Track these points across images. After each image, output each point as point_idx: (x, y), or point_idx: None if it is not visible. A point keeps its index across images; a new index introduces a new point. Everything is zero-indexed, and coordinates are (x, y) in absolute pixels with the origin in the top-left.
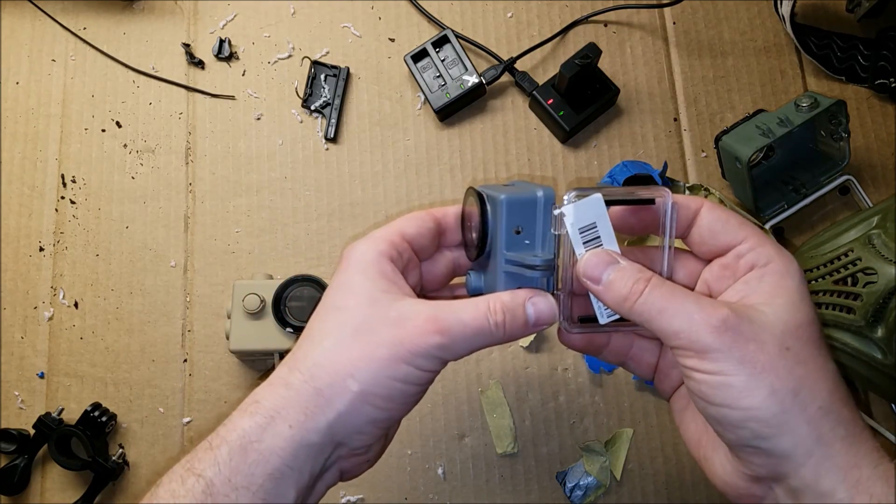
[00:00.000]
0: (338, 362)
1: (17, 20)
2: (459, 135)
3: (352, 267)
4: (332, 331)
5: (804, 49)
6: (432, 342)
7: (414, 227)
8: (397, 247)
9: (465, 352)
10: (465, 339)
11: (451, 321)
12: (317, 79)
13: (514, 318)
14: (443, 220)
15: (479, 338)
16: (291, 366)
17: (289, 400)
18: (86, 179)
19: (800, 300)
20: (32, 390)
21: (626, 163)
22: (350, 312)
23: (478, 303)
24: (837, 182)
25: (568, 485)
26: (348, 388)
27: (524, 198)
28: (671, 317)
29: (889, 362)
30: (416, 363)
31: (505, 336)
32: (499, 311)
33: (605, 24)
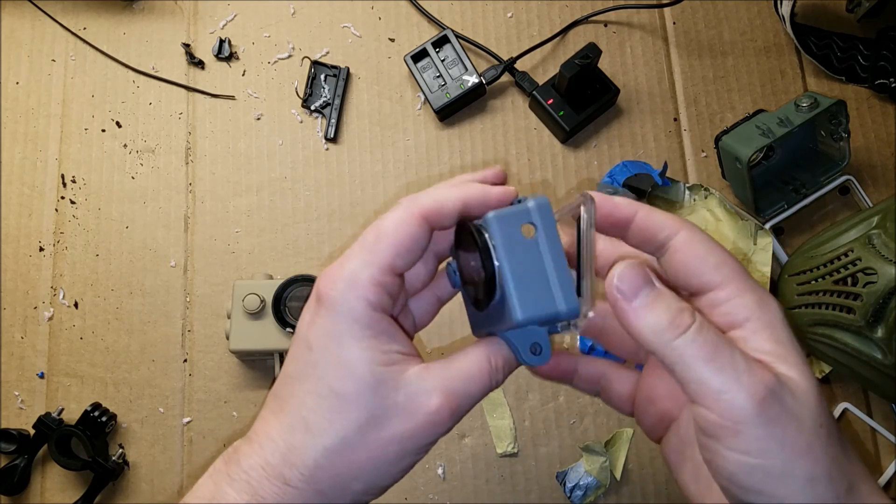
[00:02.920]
0: (342, 465)
1: (17, 20)
2: (459, 135)
3: (341, 324)
4: (332, 425)
5: (804, 49)
6: (443, 428)
7: (405, 258)
8: (388, 289)
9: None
10: (470, 406)
11: (461, 399)
12: (317, 79)
13: (509, 367)
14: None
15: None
16: (288, 458)
17: (289, 499)
18: (86, 179)
19: (802, 359)
20: (32, 390)
21: (626, 163)
22: (352, 404)
23: (480, 364)
24: (837, 182)
25: (568, 485)
26: (351, 489)
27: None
28: (717, 370)
29: (889, 362)
30: (423, 452)
31: (500, 382)
32: (500, 370)
33: (605, 24)
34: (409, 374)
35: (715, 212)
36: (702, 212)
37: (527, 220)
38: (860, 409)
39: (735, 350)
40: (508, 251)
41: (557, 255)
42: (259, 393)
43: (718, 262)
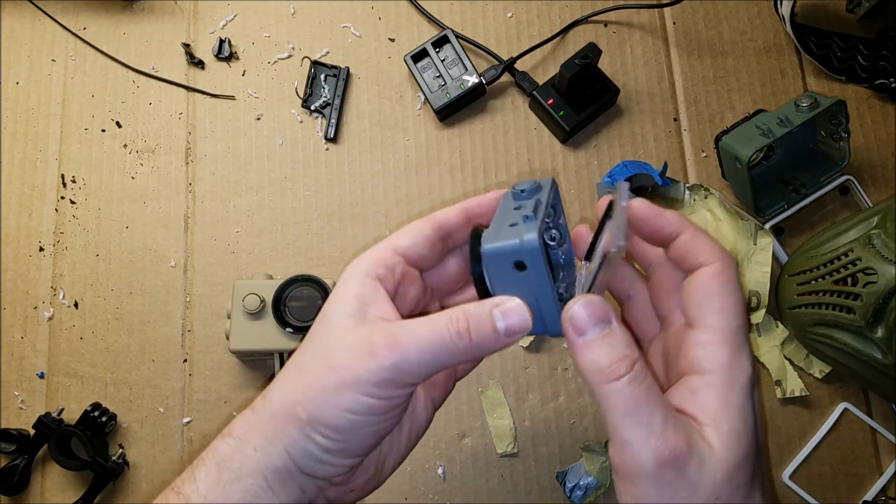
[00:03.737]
0: (291, 389)
1: (17, 20)
2: (459, 135)
3: (336, 289)
4: (297, 358)
5: (804, 49)
6: (382, 363)
7: (408, 239)
8: (386, 263)
9: (424, 371)
10: (422, 356)
11: (403, 337)
12: (317, 79)
13: (479, 325)
14: (444, 222)
15: (438, 353)
16: (263, 393)
17: (252, 424)
18: (86, 179)
19: (743, 427)
20: (32, 390)
21: (626, 163)
22: (315, 339)
23: (438, 315)
24: (837, 182)
25: (568, 485)
26: (297, 416)
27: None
28: (632, 425)
29: (889, 362)
30: (365, 390)
31: (472, 348)
32: (461, 320)
33: (605, 24)
34: (370, 323)
35: (715, 212)
36: (702, 212)
37: (516, 259)
38: (860, 409)
39: (657, 410)
40: (500, 282)
41: (545, 288)
42: (259, 393)
43: (721, 307)
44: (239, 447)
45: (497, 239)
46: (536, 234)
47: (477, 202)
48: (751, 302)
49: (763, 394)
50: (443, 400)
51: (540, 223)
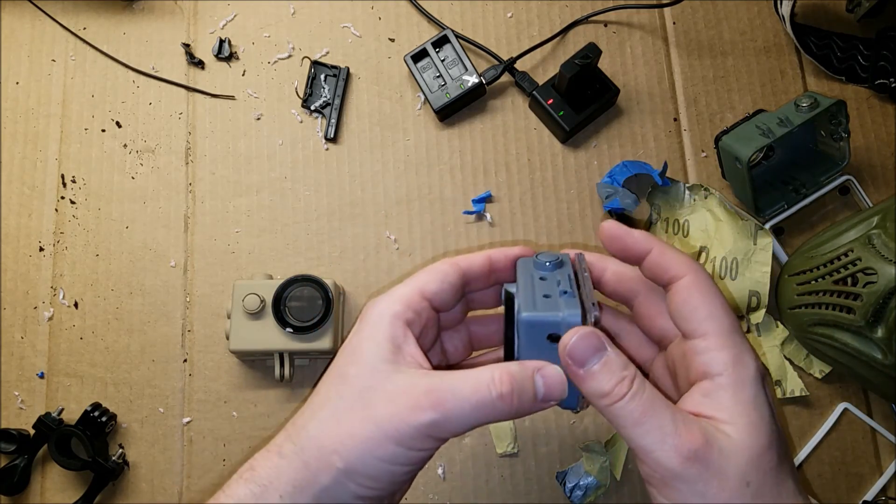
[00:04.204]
0: (327, 436)
1: (17, 20)
2: (459, 135)
3: (364, 329)
4: (329, 400)
5: (804, 49)
6: (424, 420)
7: (435, 285)
8: (415, 307)
9: (464, 428)
10: (464, 415)
11: (446, 395)
12: (317, 79)
13: (522, 391)
14: (469, 269)
15: (480, 413)
16: (288, 434)
17: (280, 470)
18: (86, 179)
19: (759, 419)
20: (32, 390)
21: (626, 163)
22: (350, 382)
23: (480, 373)
24: (837, 182)
25: (568, 485)
26: (333, 465)
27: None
28: (645, 433)
29: (889, 362)
30: (406, 443)
31: (511, 411)
32: (505, 383)
33: (605, 24)
34: (406, 371)
35: (715, 212)
36: (702, 212)
37: (552, 332)
38: (860, 409)
39: (665, 413)
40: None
41: None
42: (259, 393)
43: (709, 314)
44: (263, 495)
45: (536, 309)
46: (579, 312)
47: (502, 254)
48: (751, 302)
49: None
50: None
51: (579, 300)
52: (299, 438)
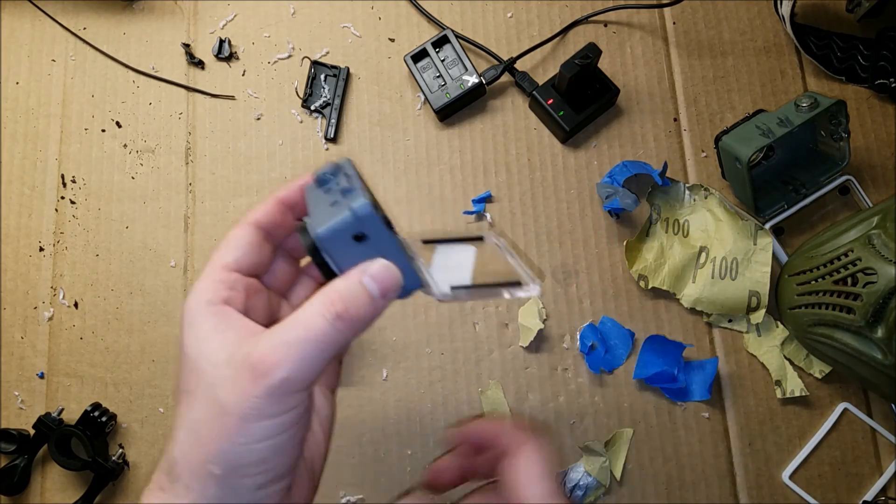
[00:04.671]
0: (192, 453)
1: (17, 20)
2: (459, 135)
3: (185, 332)
4: (182, 418)
5: (804, 49)
6: (272, 383)
7: (233, 252)
8: (225, 283)
9: (316, 369)
10: (310, 356)
11: (282, 349)
12: (317, 79)
13: (354, 299)
14: (262, 219)
15: (326, 345)
16: (161, 467)
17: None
18: (86, 179)
19: None
20: (32, 390)
21: (625, 163)
22: (193, 392)
23: (308, 308)
24: (837, 182)
25: (568, 485)
26: (212, 474)
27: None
28: None
29: (889, 362)
30: (267, 414)
31: (354, 325)
32: (336, 302)
33: (605, 24)
34: (240, 348)
35: (715, 212)
36: (702, 212)
37: (354, 232)
38: (860, 409)
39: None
40: (346, 261)
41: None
42: None
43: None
44: None
45: (328, 220)
46: (364, 199)
47: (288, 191)
48: (751, 302)
49: (763, 394)
50: (337, 381)
51: (360, 190)
52: (172, 469)
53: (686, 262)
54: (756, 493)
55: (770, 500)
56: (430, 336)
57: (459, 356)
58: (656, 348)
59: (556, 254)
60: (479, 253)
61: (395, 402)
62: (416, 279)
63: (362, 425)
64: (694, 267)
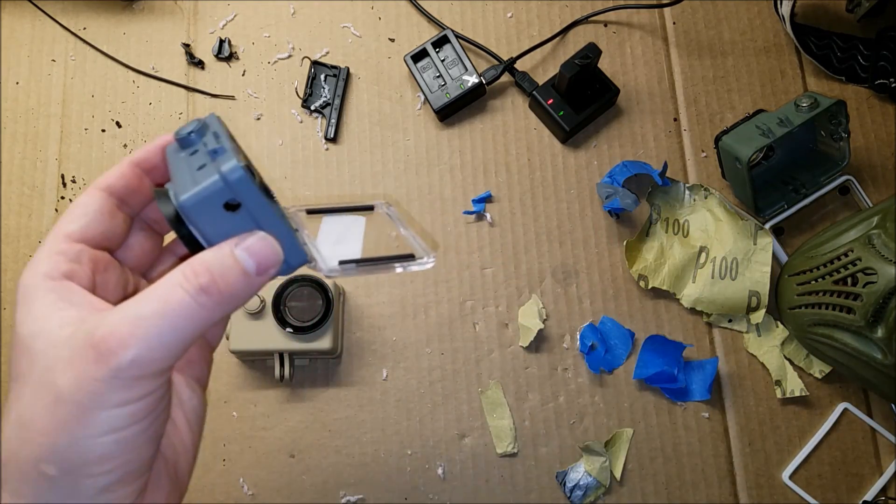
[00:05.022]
0: (23, 450)
1: (17, 20)
2: (459, 135)
3: (20, 310)
4: (9, 412)
5: (804, 49)
6: (120, 364)
7: (78, 220)
8: (67, 255)
9: (173, 350)
10: (163, 334)
11: (132, 324)
12: (317, 79)
13: (225, 272)
14: (114, 184)
15: (184, 322)
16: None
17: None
18: (86, 179)
19: None
20: None
21: (625, 163)
22: (24, 380)
23: (167, 279)
24: (837, 182)
25: (568, 485)
26: (47, 475)
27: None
28: None
29: (889, 362)
30: (113, 401)
31: (222, 301)
32: (201, 274)
33: (605, 24)
34: (82, 325)
35: (715, 212)
36: (702, 212)
37: (225, 199)
38: (860, 409)
39: None
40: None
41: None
42: (259, 393)
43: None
44: None
45: (192, 186)
46: (236, 161)
47: (146, 152)
48: (751, 302)
49: (763, 394)
50: (207, 374)
51: (231, 151)
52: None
53: (686, 262)
54: (756, 493)
55: (770, 500)
56: (430, 336)
57: (459, 356)
58: (656, 348)
59: (556, 254)
60: (369, 224)
61: (395, 402)
62: (301, 253)
63: (362, 425)
64: (694, 267)
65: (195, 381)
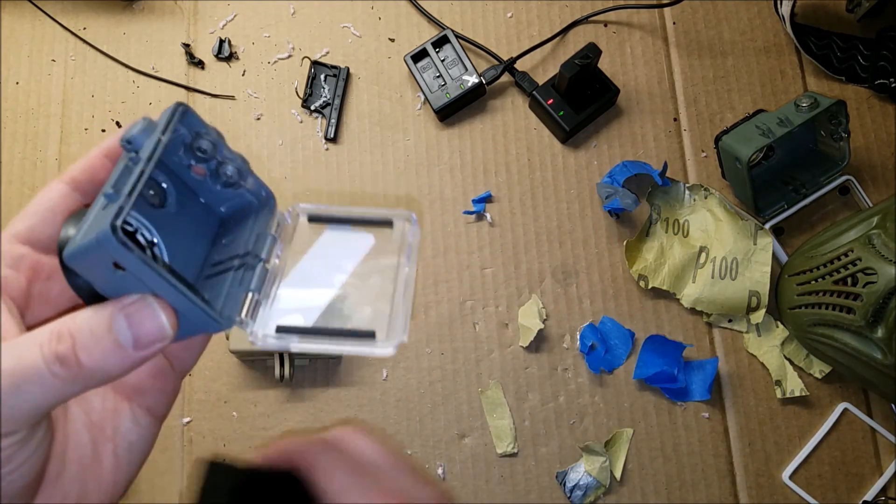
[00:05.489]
0: None
1: (17, 20)
2: (459, 135)
3: None
4: None
5: (804, 49)
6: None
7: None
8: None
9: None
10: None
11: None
12: (317, 79)
13: (92, 342)
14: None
15: (28, 388)
16: None
17: None
18: None
19: None
20: None
21: (625, 163)
22: None
23: (41, 332)
24: (837, 182)
25: (568, 485)
26: None
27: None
28: None
29: (889, 362)
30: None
31: (84, 375)
32: (63, 338)
33: (605, 24)
34: None
35: (715, 212)
36: (702, 212)
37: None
38: (860, 409)
39: None
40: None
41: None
42: (259, 393)
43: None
44: None
45: (83, 236)
46: (110, 223)
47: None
48: (751, 302)
49: (763, 394)
50: (165, 404)
51: (125, 198)
52: None
53: (686, 262)
54: (756, 493)
55: (770, 500)
56: (430, 336)
57: (459, 356)
58: (656, 348)
59: (556, 254)
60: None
61: (395, 402)
62: (213, 322)
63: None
64: (694, 267)
65: (145, 410)
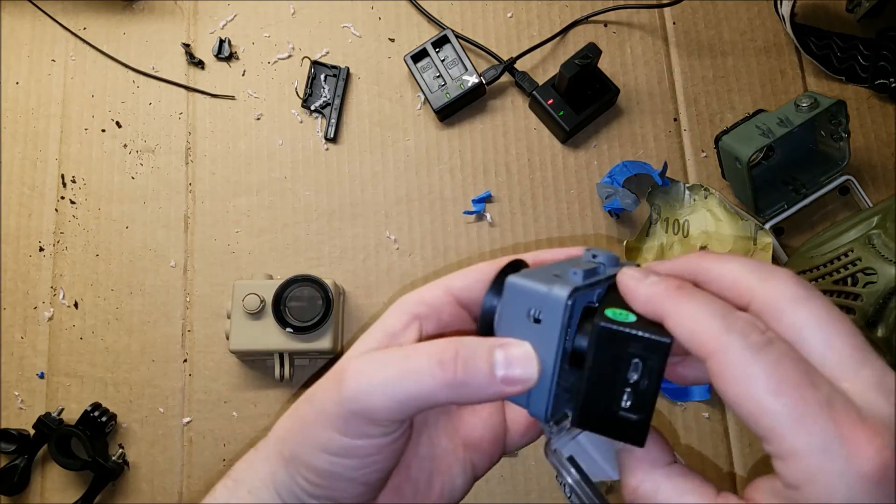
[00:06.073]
0: (285, 424)
1: (17, 20)
2: (459, 135)
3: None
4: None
5: (804, 49)
6: (345, 393)
7: (462, 279)
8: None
9: (394, 404)
10: (387, 384)
11: (372, 361)
12: (317, 79)
13: (472, 360)
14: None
15: (409, 382)
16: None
17: (251, 464)
18: (86, 179)
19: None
20: (32, 390)
21: (626, 163)
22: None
23: (426, 343)
24: (837, 182)
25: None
26: (283, 455)
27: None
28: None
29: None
30: (337, 426)
31: (456, 383)
32: (449, 350)
33: (605, 24)
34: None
35: (715, 212)
36: (702, 212)
37: (537, 308)
38: None
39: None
40: (507, 326)
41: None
42: (259, 393)
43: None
44: (235, 490)
45: (530, 278)
46: (569, 291)
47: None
48: None
49: None
50: (485, 468)
51: (582, 285)
52: (272, 432)
53: None
54: None
55: None
56: None
57: None
58: None
59: None
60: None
61: None
62: (544, 407)
63: None
64: None
65: (471, 464)
